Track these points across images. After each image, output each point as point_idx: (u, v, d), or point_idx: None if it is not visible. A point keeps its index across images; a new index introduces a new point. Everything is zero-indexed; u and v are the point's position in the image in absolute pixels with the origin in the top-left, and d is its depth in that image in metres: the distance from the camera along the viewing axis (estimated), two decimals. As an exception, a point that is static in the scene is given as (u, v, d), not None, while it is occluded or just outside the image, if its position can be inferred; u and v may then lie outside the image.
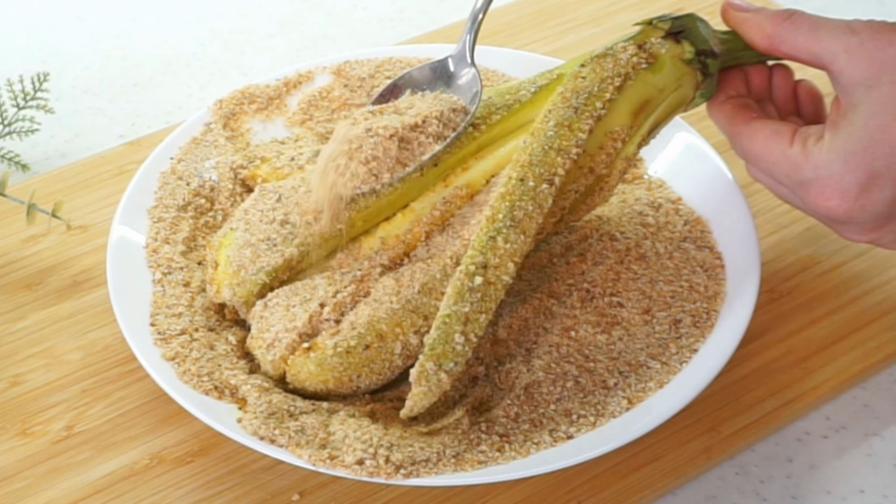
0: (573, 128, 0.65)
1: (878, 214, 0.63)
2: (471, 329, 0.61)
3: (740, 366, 0.69)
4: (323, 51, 0.98)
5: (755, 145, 0.66)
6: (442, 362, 0.60)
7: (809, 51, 0.64)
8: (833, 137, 0.62)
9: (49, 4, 1.03)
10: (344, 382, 0.63)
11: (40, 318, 0.73)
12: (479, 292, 0.61)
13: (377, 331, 0.63)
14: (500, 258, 0.62)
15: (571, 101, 0.66)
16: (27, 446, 0.66)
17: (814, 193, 0.63)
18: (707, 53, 0.68)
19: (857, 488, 0.65)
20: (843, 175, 0.62)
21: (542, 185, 0.64)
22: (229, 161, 0.76)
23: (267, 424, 0.61)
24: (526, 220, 0.63)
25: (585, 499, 0.63)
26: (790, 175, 0.64)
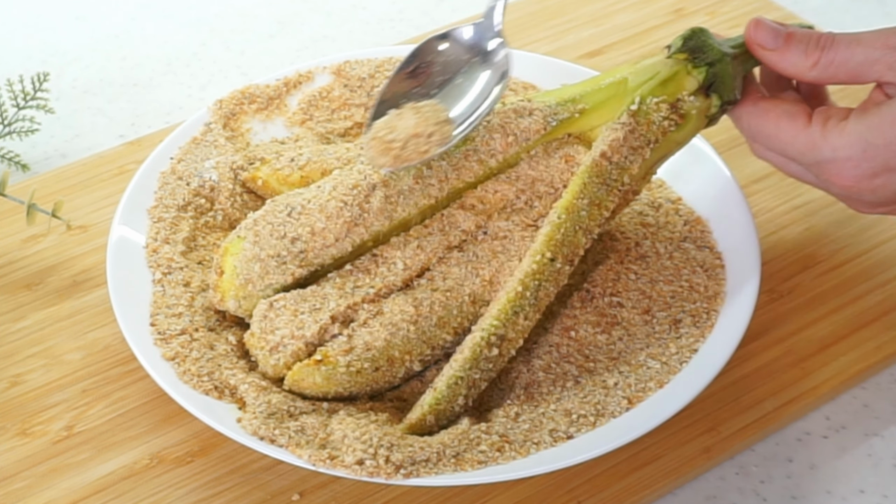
0: (602, 205, 0.66)
1: (885, 197, 0.65)
2: (473, 393, 0.63)
3: (740, 366, 0.69)
4: (323, 51, 0.98)
5: (766, 125, 0.66)
6: (440, 418, 0.63)
7: (855, 76, 0.64)
8: (857, 123, 0.63)
9: (49, 4, 1.03)
10: (341, 393, 0.64)
11: (40, 318, 0.73)
12: (491, 362, 0.63)
13: (389, 357, 0.64)
14: (517, 333, 0.64)
15: (605, 176, 0.66)
16: (27, 446, 0.66)
17: (829, 172, 0.64)
18: (731, 102, 0.68)
19: (857, 488, 0.65)
20: (859, 162, 0.63)
21: (566, 267, 0.65)
22: (229, 161, 0.76)
23: (267, 424, 0.61)
24: (545, 300, 0.65)
25: (585, 499, 0.63)
26: (805, 154, 0.64)
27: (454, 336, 0.65)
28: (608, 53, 0.91)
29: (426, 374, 0.66)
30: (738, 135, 0.83)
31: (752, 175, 0.79)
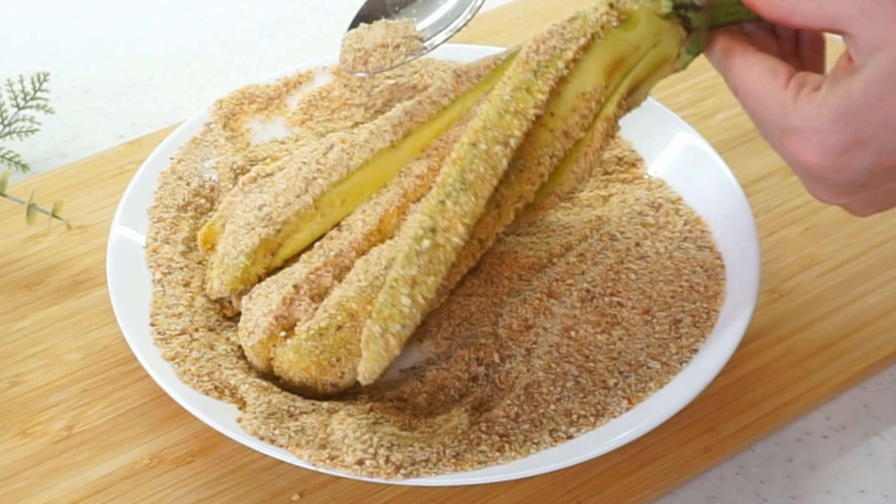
0: (532, 90, 0.63)
1: (851, 181, 0.60)
2: (418, 291, 0.60)
3: (740, 366, 0.69)
4: (323, 51, 0.98)
5: (748, 80, 0.62)
6: (388, 325, 0.59)
7: (824, 15, 0.60)
8: (829, 92, 0.58)
9: (49, 4, 1.03)
10: (325, 368, 0.63)
11: (40, 318, 0.73)
12: (426, 255, 0.60)
13: (347, 310, 0.63)
14: (450, 220, 0.61)
15: (531, 64, 0.64)
16: (27, 446, 0.66)
17: (793, 143, 0.60)
18: (686, 6, 0.64)
19: (857, 488, 0.65)
20: (827, 133, 0.58)
21: (496, 148, 0.62)
22: (229, 161, 0.76)
23: (267, 424, 0.61)
24: (478, 183, 0.62)
25: (585, 499, 0.63)
26: (775, 118, 0.60)
27: None
28: (608, 53, 0.91)
29: (426, 375, 0.66)
30: (738, 135, 0.83)
31: (752, 175, 0.79)
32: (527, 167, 0.64)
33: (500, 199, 0.64)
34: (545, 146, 0.64)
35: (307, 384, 0.64)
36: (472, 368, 0.66)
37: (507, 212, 0.64)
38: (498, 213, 0.64)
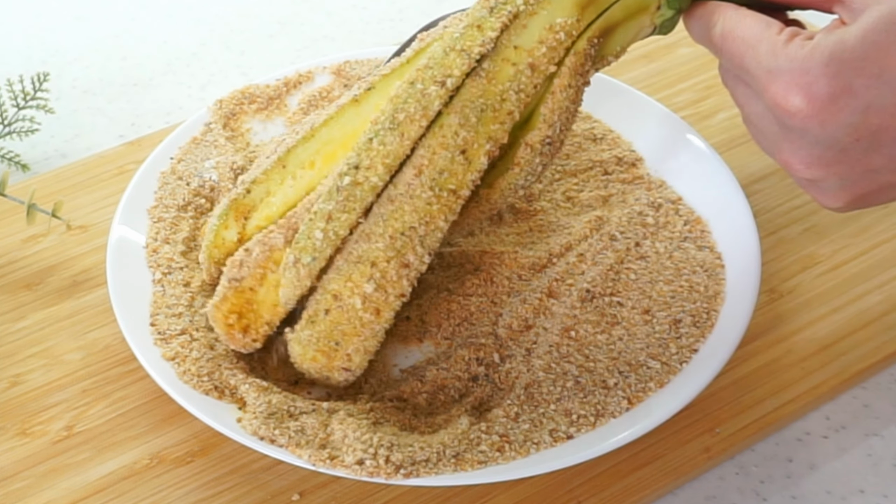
0: (483, 27, 0.61)
1: (833, 141, 0.56)
2: (331, 227, 0.60)
3: (740, 366, 0.69)
4: (323, 51, 0.98)
5: (739, 27, 0.59)
6: (301, 255, 0.61)
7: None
8: (823, 38, 0.55)
9: (49, 4, 1.03)
10: (330, 353, 0.63)
11: (40, 318, 0.73)
12: (345, 191, 0.60)
13: (330, 292, 0.62)
14: (372, 160, 0.60)
15: (490, 1, 0.62)
16: (27, 446, 0.66)
17: (778, 84, 0.56)
18: None
19: (857, 488, 0.65)
20: (817, 77, 0.54)
21: (431, 87, 0.60)
22: (229, 161, 0.76)
23: (266, 424, 0.61)
24: (406, 123, 0.60)
25: (585, 499, 0.63)
26: (762, 60, 0.56)
27: None
28: (608, 53, 0.91)
29: (426, 375, 0.66)
30: (738, 135, 0.83)
31: (752, 175, 0.79)
32: (489, 106, 0.61)
33: (465, 143, 0.61)
34: (508, 80, 0.61)
35: (324, 374, 0.64)
36: (472, 368, 0.66)
37: (477, 156, 0.61)
38: (465, 159, 0.61)
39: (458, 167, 0.61)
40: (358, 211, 0.61)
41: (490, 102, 0.61)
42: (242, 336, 0.65)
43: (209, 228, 0.67)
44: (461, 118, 0.60)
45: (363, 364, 0.64)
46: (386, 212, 0.61)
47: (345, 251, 0.62)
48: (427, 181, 0.60)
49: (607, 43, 0.63)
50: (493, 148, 0.62)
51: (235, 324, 0.65)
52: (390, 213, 0.61)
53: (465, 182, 0.62)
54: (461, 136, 0.61)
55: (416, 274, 0.62)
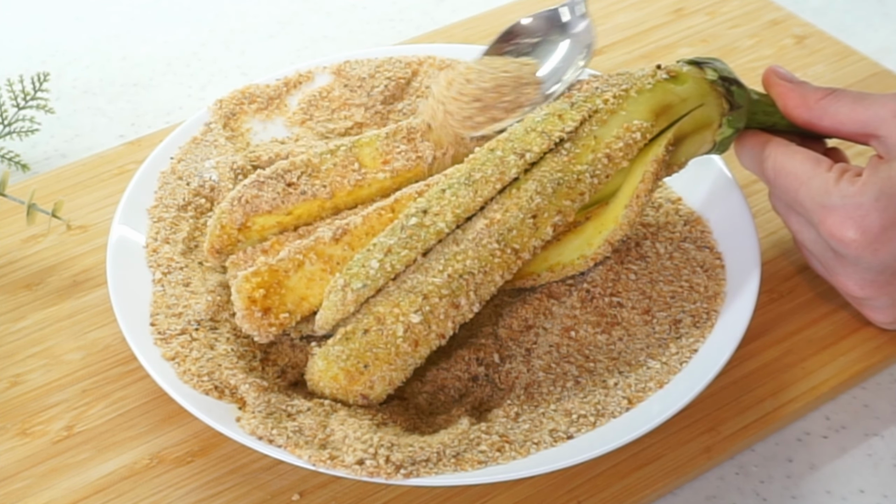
0: (563, 117, 0.65)
1: (885, 266, 0.63)
2: (389, 260, 0.62)
3: (740, 366, 0.69)
4: (323, 51, 0.98)
5: (790, 163, 0.65)
6: (351, 280, 0.62)
7: (856, 120, 0.64)
8: (871, 175, 0.62)
9: (49, 4, 1.03)
10: (354, 375, 0.62)
11: (40, 318, 0.73)
12: (409, 230, 0.63)
13: (374, 314, 0.62)
14: (442, 207, 0.63)
15: (571, 98, 0.66)
16: (27, 446, 0.66)
17: (834, 219, 0.62)
18: (731, 81, 0.68)
19: (857, 488, 0.65)
20: (868, 210, 0.61)
21: (510, 156, 0.64)
22: (229, 161, 0.76)
23: (265, 424, 0.61)
24: (481, 182, 0.64)
25: (585, 499, 0.63)
26: (816, 197, 0.63)
27: None
28: (608, 53, 0.92)
29: (426, 375, 0.66)
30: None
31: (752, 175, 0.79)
32: (566, 182, 0.64)
33: (537, 209, 0.64)
34: (587, 164, 0.65)
35: (338, 396, 0.63)
36: (472, 368, 0.66)
37: (544, 224, 0.64)
38: (534, 224, 0.64)
39: (526, 230, 0.64)
40: (419, 250, 0.63)
41: (567, 179, 0.64)
42: (261, 317, 0.64)
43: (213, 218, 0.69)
44: (538, 186, 0.64)
45: (382, 395, 0.63)
46: (450, 252, 0.63)
47: (398, 279, 0.63)
48: (496, 234, 0.63)
49: (677, 152, 0.68)
50: (561, 222, 0.65)
51: (259, 300, 0.64)
52: (454, 254, 0.63)
53: (528, 245, 0.64)
54: (535, 202, 0.64)
55: (461, 319, 0.63)
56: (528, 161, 0.64)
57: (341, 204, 0.69)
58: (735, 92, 0.68)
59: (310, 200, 0.68)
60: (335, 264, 0.64)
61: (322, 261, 0.64)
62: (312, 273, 0.64)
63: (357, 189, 0.69)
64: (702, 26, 0.94)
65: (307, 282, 0.64)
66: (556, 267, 0.68)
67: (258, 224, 0.68)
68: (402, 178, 0.69)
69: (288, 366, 0.66)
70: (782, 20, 0.94)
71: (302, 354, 0.67)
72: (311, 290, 0.64)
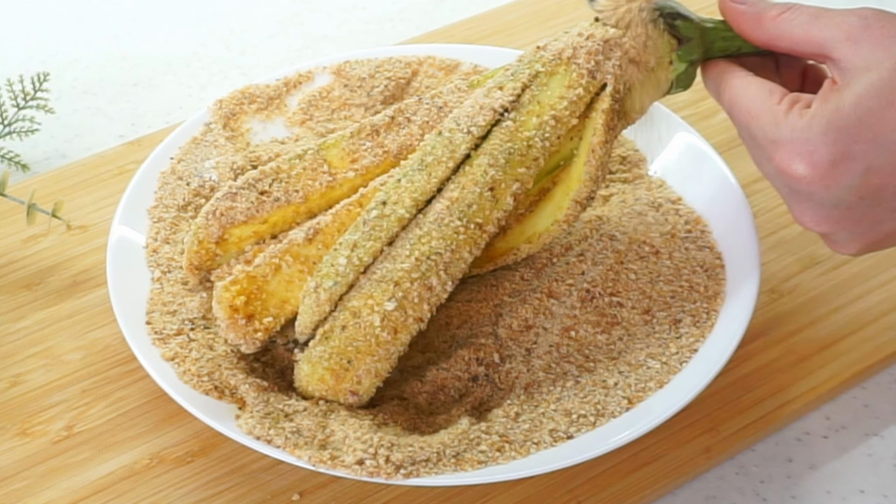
0: (504, 87, 0.65)
1: (838, 200, 0.60)
2: (356, 254, 0.63)
3: (740, 366, 0.69)
4: (323, 51, 0.98)
5: (743, 96, 0.62)
6: (322, 281, 0.62)
7: (809, 40, 0.61)
8: (819, 107, 0.59)
9: (49, 4, 1.03)
10: (339, 373, 0.62)
11: (40, 318, 0.73)
12: (371, 223, 0.63)
13: (350, 309, 0.62)
14: (400, 195, 0.64)
15: (511, 69, 0.66)
16: (27, 446, 0.66)
17: (782, 154, 0.60)
18: (674, 16, 0.65)
19: (857, 488, 0.65)
20: (817, 145, 0.58)
21: (457, 135, 0.64)
22: (229, 161, 0.76)
23: (262, 424, 0.61)
24: (433, 164, 0.64)
25: (585, 499, 0.63)
26: (766, 130, 0.60)
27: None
28: (608, 53, 0.91)
29: (426, 375, 0.66)
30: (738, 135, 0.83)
31: (752, 175, 0.79)
32: (517, 150, 0.64)
33: (493, 181, 0.64)
34: (534, 129, 0.64)
35: (328, 398, 0.63)
36: (472, 368, 0.66)
37: (503, 195, 0.64)
38: (493, 196, 0.64)
39: (486, 203, 0.64)
40: (383, 240, 0.63)
41: (517, 147, 0.64)
42: (245, 324, 0.64)
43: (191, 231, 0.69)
44: (490, 159, 0.64)
45: (371, 390, 0.63)
46: (414, 236, 0.63)
47: (368, 272, 0.63)
48: (456, 212, 0.63)
49: (628, 98, 0.67)
50: (520, 190, 0.65)
51: (241, 308, 0.64)
52: (418, 237, 0.63)
53: (491, 218, 0.64)
54: (490, 175, 0.64)
55: (436, 300, 0.63)
56: (476, 136, 0.64)
57: (315, 207, 0.68)
58: (680, 25, 0.65)
59: (284, 207, 0.68)
60: (312, 264, 0.64)
61: (299, 262, 0.64)
62: (290, 275, 0.64)
63: (329, 190, 0.68)
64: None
65: (286, 284, 0.64)
66: (533, 238, 0.68)
67: (235, 236, 0.68)
68: (371, 174, 0.68)
69: (287, 367, 0.66)
70: (782, 20, 0.94)
71: (302, 354, 0.67)
72: (292, 291, 0.64)
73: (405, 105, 0.70)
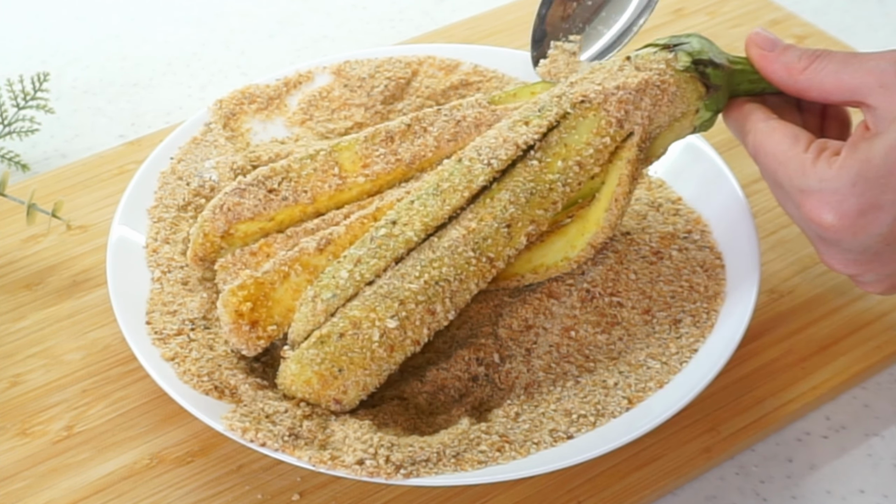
0: (530, 123, 0.65)
1: (866, 247, 0.61)
2: (358, 269, 0.63)
3: (740, 366, 0.69)
4: (323, 51, 0.98)
5: (768, 142, 0.63)
6: (321, 291, 0.62)
7: (842, 88, 0.62)
8: (848, 156, 0.59)
9: (49, 4, 1.03)
10: (328, 379, 0.62)
11: (40, 318, 0.73)
12: (378, 241, 0.63)
13: (351, 318, 0.62)
14: (410, 217, 0.64)
15: (540, 104, 0.66)
16: (27, 446, 0.66)
17: (811, 204, 0.61)
18: (705, 63, 0.66)
19: (857, 488, 0.65)
20: (846, 196, 0.59)
21: (477, 165, 0.64)
22: (229, 161, 0.76)
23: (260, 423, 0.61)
24: (449, 191, 0.64)
25: (585, 499, 0.63)
26: (793, 179, 0.61)
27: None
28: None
29: (426, 375, 0.66)
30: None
31: (752, 175, 0.79)
32: (538, 191, 0.64)
33: (511, 219, 0.64)
34: (558, 172, 0.65)
35: (310, 400, 0.63)
36: (472, 368, 0.66)
37: (518, 234, 0.64)
38: (508, 233, 0.64)
39: (501, 239, 0.64)
40: (388, 259, 0.63)
41: (539, 188, 0.64)
42: (249, 330, 0.64)
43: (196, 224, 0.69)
44: (512, 195, 0.64)
45: (355, 401, 0.63)
46: (426, 259, 0.63)
47: (375, 284, 0.63)
48: (471, 243, 0.63)
49: (653, 146, 0.67)
50: (534, 231, 0.65)
51: (246, 314, 0.63)
52: (430, 261, 0.63)
53: (502, 254, 0.64)
54: (509, 212, 0.64)
55: (436, 326, 0.63)
56: (496, 169, 0.64)
57: (322, 208, 0.68)
58: (711, 74, 0.66)
59: (291, 206, 0.68)
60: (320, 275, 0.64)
61: (307, 272, 0.64)
62: (298, 284, 0.64)
63: (338, 193, 0.68)
64: (702, 26, 0.94)
65: (293, 293, 0.64)
66: (540, 269, 0.67)
67: (241, 231, 0.68)
68: (381, 181, 0.68)
69: (288, 366, 0.66)
70: (782, 20, 0.94)
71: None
72: (298, 301, 0.64)
73: (423, 114, 0.69)
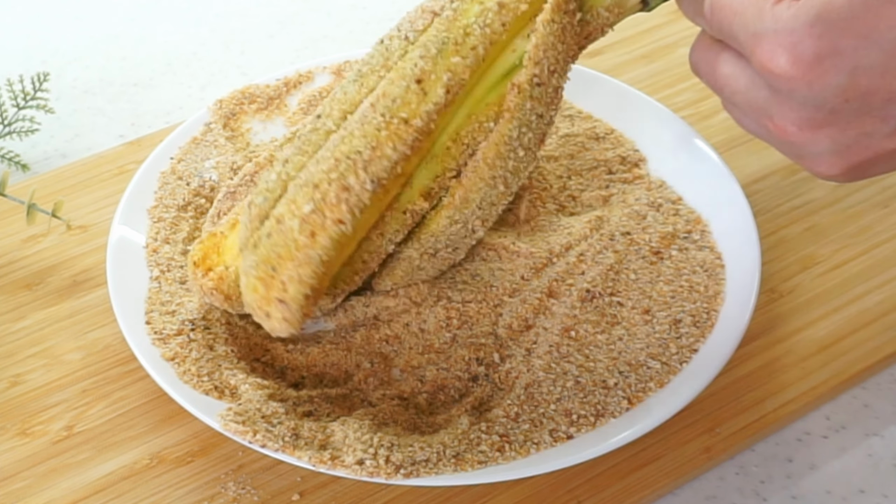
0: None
1: (822, 101, 0.54)
2: (285, 169, 0.62)
3: (740, 366, 0.69)
4: (323, 51, 0.98)
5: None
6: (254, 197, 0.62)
7: None
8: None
9: (49, 4, 1.03)
10: (268, 282, 0.60)
11: (40, 318, 0.73)
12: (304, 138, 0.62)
13: (275, 216, 0.60)
14: (332, 108, 0.63)
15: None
16: (27, 446, 0.66)
17: (764, 47, 0.54)
18: None
19: (857, 488, 0.65)
20: (802, 38, 0.53)
21: (395, 41, 0.63)
22: (229, 161, 0.76)
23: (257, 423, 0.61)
24: (368, 74, 0.63)
25: (585, 499, 0.63)
26: (748, 25, 0.55)
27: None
28: (608, 53, 0.91)
29: (426, 375, 0.66)
30: (738, 135, 0.83)
31: (752, 175, 0.79)
32: (451, 39, 0.61)
33: (421, 73, 0.60)
34: (474, 16, 0.61)
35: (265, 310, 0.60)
36: (472, 368, 0.66)
37: (433, 87, 0.61)
38: (420, 89, 0.60)
39: (412, 96, 0.61)
40: (310, 153, 0.62)
41: (452, 36, 0.61)
42: (202, 275, 0.66)
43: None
44: (422, 51, 0.61)
45: (298, 297, 0.60)
46: (337, 138, 0.61)
47: (296, 178, 0.61)
48: (380, 108, 0.60)
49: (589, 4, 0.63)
50: (453, 81, 0.61)
51: (201, 262, 0.66)
52: (340, 139, 0.60)
53: (418, 112, 0.61)
54: (419, 67, 0.61)
55: (356, 201, 0.60)
56: (412, 41, 0.62)
57: None
58: None
59: None
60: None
61: None
62: None
63: None
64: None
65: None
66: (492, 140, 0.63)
67: None
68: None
69: (287, 367, 0.66)
70: (782, 20, 0.94)
71: (301, 356, 0.67)
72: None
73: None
